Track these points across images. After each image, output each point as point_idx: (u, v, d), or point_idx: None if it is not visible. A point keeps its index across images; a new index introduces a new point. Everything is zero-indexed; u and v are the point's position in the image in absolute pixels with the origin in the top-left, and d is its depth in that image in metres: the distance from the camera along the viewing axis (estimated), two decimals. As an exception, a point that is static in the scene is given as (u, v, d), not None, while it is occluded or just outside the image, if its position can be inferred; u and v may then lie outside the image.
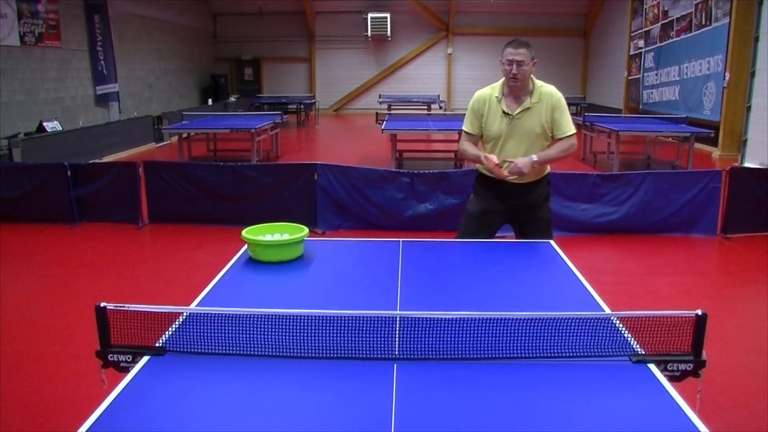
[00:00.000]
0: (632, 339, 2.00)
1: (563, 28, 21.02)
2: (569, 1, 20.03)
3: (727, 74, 11.65)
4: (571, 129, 3.43)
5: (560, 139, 3.44)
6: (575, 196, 6.49)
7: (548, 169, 3.62)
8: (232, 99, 19.22)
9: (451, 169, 7.67)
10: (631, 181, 6.50)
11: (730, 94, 11.63)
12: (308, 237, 2.93)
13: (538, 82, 3.45)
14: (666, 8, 14.63)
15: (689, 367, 1.91)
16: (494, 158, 3.34)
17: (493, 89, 3.48)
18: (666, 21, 14.62)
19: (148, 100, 15.58)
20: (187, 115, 12.27)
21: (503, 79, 3.45)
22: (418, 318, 2.02)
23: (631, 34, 16.81)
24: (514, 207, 3.52)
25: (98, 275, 5.37)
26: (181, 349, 1.95)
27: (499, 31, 20.80)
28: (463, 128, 3.59)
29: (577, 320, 2.00)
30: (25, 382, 3.50)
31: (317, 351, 1.93)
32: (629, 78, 17.03)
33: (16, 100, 10.31)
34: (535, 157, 3.34)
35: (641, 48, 16.10)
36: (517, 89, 3.39)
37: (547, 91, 3.42)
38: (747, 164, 10.13)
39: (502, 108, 3.41)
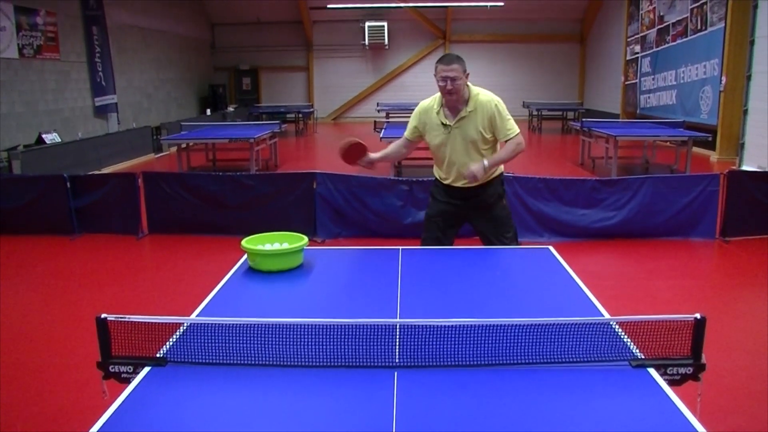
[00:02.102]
0: (632, 343, 2.01)
1: (560, 34, 21.09)
2: (565, 7, 20.10)
3: (724, 78, 11.69)
4: (514, 130, 3.57)
5: (507, 140, 3.59)
6: (574, 201, 6.50)
7: (501, 169, 3.79)
8: (231, 109, 19.25)
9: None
10: (630, 186, 6.51)
11: (727, 98, 11.67)
12: (308, 246, 2.94)
13: (475, 90, 3.58)
14: (662, 13, 14.69)
15: (689, 370, 1.92)
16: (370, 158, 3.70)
17: (433, 100, 3.66)
18: (662, 26, 14.68)
19: (147, 111, 15.60)
20: (185, 126, 12.29)
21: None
22: (419, 325, 2.02)
23: (628, 39, 16.87)
24: (468, 207, 3.74)
25: (98, 286, 5.38)
26: (182, 360, 1.95)
27: (497, 37, 20.92)
28: (405, 132, 3.82)
29: (577, 325, 2.00)
30: (26, 393, 3.50)
31: (318, 360, 1.94)
32: (626, 83, 17.07)
33: (15, 112, 10.33)
34: (486, 162, 3.54)
35: (638, 53, 16.15)
36: (453, 102, 3.55)
37: (484, 100, 3.55)
38: (745, 167, 10.14)
39: (440, 119, 3.60)
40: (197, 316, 2.31)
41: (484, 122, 3.54)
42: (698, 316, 1.92)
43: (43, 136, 10.38)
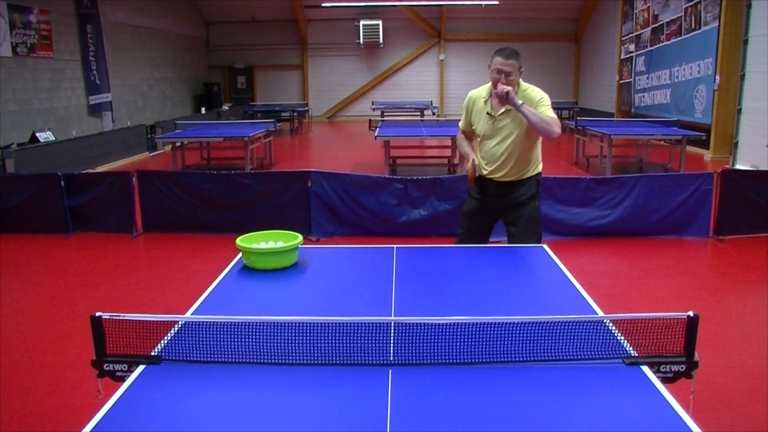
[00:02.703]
0: (625, 341, 2.02)
1: (554, 33, 21.11)
2: (560, 6, 20.12)
3: (718, 77, 11.73)
4: (552, 115, 3.48)
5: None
6: (568, 200, 6.52)
7: (538, 169, 3.72)
8: (226, 107, 19.21)
9: (444, 174, 7.69)
10: (624, 185, 6.53)
11: (720, 97, 11.71)
12: (302, 244, 2.94)
13: (524, 85, 3.57)
14: (656, 12, 14.73)
15: (682, 368, 1.93)
16: (473, 162, 3.62)
17: (482, 90, 3.68)
18: (656, 25, 14.71)
19: (142, 109, 15.56)
20: (180, 124, 12.26)
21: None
22: (413, 323, 2.03)
23: (622, 39, 16.90)
24: (502, 204, 3.69)
25: (93, 285, 5.37)
26: (177, 358, 1.95)
27: (491, 36, 20.89)
28: (459, 124, 3.86)
29: (571, 323, 2.01)
30: (20, 392, 3.49)
31: (313, 357, 1.94)
32: (621, 82, 17.11)
33: (9, 111, 10.29)
34: (520, 101, 3.42)
35: (632, 52, 16.18)
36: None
37: (532, 95, 3.53)
38: (739, 166, 10.18)
39: (486, 109, 3.59)
40: (192, 314, 2.31)
41: None
42: (691, 313, 1.93)
43: (37, 134, 10.34)
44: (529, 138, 3.56)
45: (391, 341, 2.01)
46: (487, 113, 3.59)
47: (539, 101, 3.50)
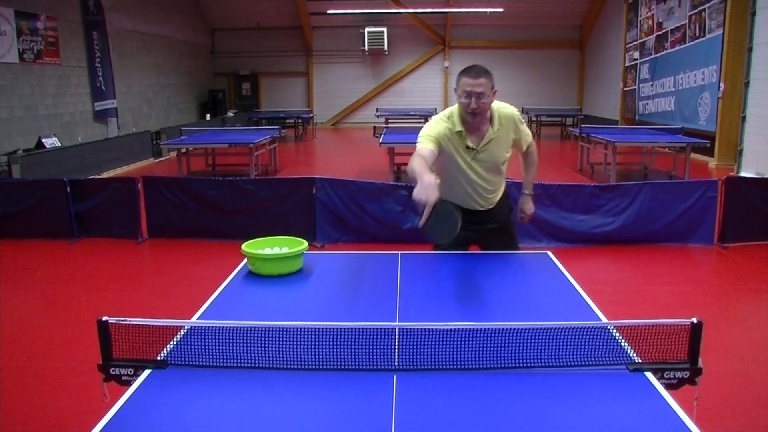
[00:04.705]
0: (629, 348, 2.02)
1: (559, 40, 21.15)
2: (565, 14, 20.16)
3: (722, 85, 11.73)
4: (530, 134, 3.32)
5: (527, 151, 3.34)
6: (573, 207, 6.52)
7: (504, 180, 3.38)
8: (231, 114, 19.29)
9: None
10: (628, 192, 6.53)
11: (725, 105, 11.71)
12: (307, 250, 2.95)
13: (494, 105, 3.10)
14: (660, 20, 14.75)
15: (686, 374, 1.93)
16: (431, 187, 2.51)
17: (451, 120, 3.08)
18: (660, 32, 14.72)
19: (147, 116, 15.63)
20: (185, 131, 12.31)
21: (455, 106, 3.10)
22: (418, 329, 2.04)
23: (627, 46, 16.92)
24: (485, 230, 3.31)
25: (98, 290, 5.39)
26: (183, 362, 1.96)
27: (496, 43, 20.97)
28: (424, 143, 3.01)
29: (575, 330, 2.02)
30: (26, 396, 3.50)
31: (317, 363, 1.95)
32: (625, 89, 17.12)
33: (16, 117, 10.35)
34: (527, 191, 3.42)
35: (636, 59, 16.20)
36: (476, 123, 3.05)
37: (506, 114, 3.13)
38: (743, 174, 10.17)
39: (466, 143, 3.09)
40: (198, 319, 2.32)
41: (510, 138, 3.16)
42: (695, 320, 1.93)
43: (43, 140, 10.40)
44: (507, 158, 3.23)
45: (396, 347, 2.02)
46: (467, 147, 3.09)
47: (519, 121, 3.19)
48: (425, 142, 2.99)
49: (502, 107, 3.13)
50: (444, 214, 2.49)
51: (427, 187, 2.45)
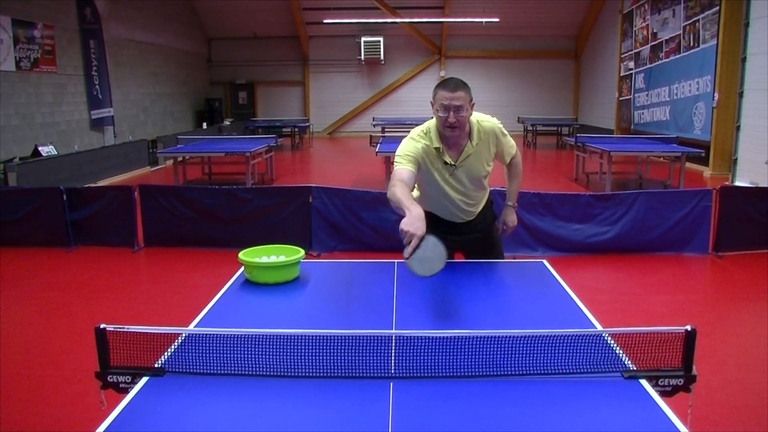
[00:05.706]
0: (624, 355, 2.03)
1: (555, 50, 21.26)
2: (560, 24, 20.28)
3: (716, 95, 11.80)
4: (514, 145, 3.22)
5: (510, 162, 3.29)
6: (568, 216, 6.54)
7: (488, 191, 3.35)
8: (227, 123, 19.30)
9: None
10: (624, 201, 6.56)
11: (719, 114, 11.78)
12: (304, 259, 2.96)
13: (474, 118, 3.01)
14: (655, 30, 14.84)
15: (680, 382, 1.94)
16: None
17: (428, 137, 2.99)
18: (655, 43, 14.82)
19: (143, 124, 15.64)
20: (182, 139, 12.31)
21: (432, 121, 3.02)
22: (414, 337, 2.05)
23: (622, 56, 17.02)
24: (469, 240, 3.31)
25: (94, 298, 5.38)
26: (180, 370, 1.97)
27: (492, 53, 21.07)
28: (403, 165, 2.91)
29: (570, 337, 2.03)
30: (23, 405, 3.49)
31: (314, 370, 1.96)
32: (620, 99, 17.20)
33: (12, 125, 10.35)
34: (510, 203, 3.41)
35: (632, 69, 16.29)
36: (454, 138, 2.96)
37: (487, 127, 3.04)
38: (738, 183, 10.23)
39: (443, 159, 3.00)
40: (195, 327, 2.33)
41: (491, 152, 3.10)
42: (689, 328, 1.95)
43: (40, 148, 10.39)
44: (488, 172, 3.17)
45: (393, 354, 2.03)
46: (445, 163, 3.01)
47: (501, 133, 3.10)
48: (404, 163, 2.91)
49: (483, 120, 3.05)
50: (429, 249, 2.46)
51: (415, 220, 2.45)
